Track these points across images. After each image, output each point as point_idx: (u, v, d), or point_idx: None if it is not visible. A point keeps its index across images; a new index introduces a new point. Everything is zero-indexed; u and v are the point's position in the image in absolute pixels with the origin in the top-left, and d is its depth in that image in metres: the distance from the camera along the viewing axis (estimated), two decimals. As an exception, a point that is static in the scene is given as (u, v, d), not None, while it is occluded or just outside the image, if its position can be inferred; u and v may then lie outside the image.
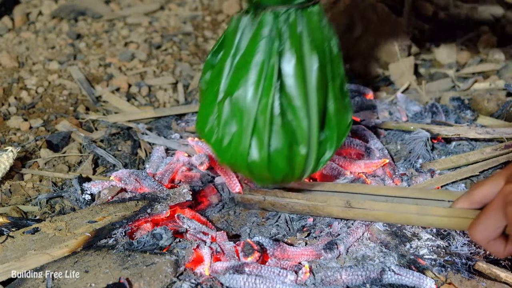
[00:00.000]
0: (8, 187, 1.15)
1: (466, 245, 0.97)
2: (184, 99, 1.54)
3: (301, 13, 0.88)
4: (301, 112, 0.89)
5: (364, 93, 1.45)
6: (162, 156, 1.23)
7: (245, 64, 0.88)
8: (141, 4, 2.05)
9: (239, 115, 0.89)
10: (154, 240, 0.92)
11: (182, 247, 0.92)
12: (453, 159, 1.17)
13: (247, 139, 0.89)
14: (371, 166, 1.14)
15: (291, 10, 0.87)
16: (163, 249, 0.91)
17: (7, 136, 1.32)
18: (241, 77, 0.88)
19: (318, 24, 0.90)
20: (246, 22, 0.89)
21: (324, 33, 0.91)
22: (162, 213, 1.00)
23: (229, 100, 0.89)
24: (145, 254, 0.89)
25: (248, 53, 0.88)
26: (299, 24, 0.88)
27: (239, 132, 0.90)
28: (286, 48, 0.87)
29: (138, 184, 1.09)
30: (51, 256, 0.88)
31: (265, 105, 0.87)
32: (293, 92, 0.88)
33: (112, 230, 0.95)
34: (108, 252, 0.90)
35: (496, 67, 1.63)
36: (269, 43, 0.87)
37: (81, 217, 0.98)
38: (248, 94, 0.88)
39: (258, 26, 0.88)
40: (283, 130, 0.89)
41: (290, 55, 0.87)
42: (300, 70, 0.88)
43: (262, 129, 0.88)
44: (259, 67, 0.87)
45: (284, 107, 0.89)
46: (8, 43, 1.75)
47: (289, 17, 0.87)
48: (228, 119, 0.90)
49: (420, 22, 1.84)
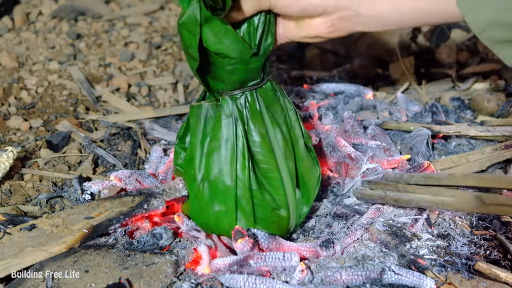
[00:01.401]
0: (8, 187, 1.15)
1: (466, 245, 0.97)
2: (184, 99, 1.54)
3: (256, 92, 0.95)
4: (276, 182, 0.96)
5: (364, 93, 1.45)
6: (161, 156, 1.23)
7: (214, 149, 0.94)
8: (141, 4, 2.06)
9: (221, 196, 0.95)
10: (154, 240, 0.92)
11: (182, 247, 0.92)
12: (453, 159, 1.17)
13: (233, 216, 0.96)
14: (393, 163, 1.15)
15: (247, 92, 0.94)
16: (163, 249, 0.91)
17: (7, 136, 1.32)
18: (214, 161, 0.94)
19: (273, 98, 0.97)
20: (207, 108, 0.95)
21: (280, 104, 0.98)
22: (159, 208, 1.01)
23: (207, 183, 0.95)
24: (145, 254, 0.89)
25: (215, 138, 0.94)
26: (257, 103, 0.95)
27: (224, 211, 0.96)
28: (251, 127, 0.94)
29: (138, 184, 1.09)
30: (49, 253, 0.89)
31: (243, 183, 0.94)
32: (265, 165, 0.95)
33: (109, 226, 0.95)
34: (108, 251, 0.90)
35: (496, 67, 1.63)
36: (233, 125, 0.93)
37: (78, 213, 0.98)
38: (225, 176, 0.94)
39: (219, 111, 0.94)
40: (264, 201, 0.96)
41: (255, 133, 0.95)
42: (267, 144, 0.95)
43: (245, 205, 0.95)
44: (230, 150, 0.94)
45: (260, 180, 0.96)
46: (8, 43, 1.75)
47: (247, 98, 0.94)
48: (209, 200, 0.96)
49: (420, 22, 1.84)
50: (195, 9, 0.84)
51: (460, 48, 1.73)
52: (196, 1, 0.82)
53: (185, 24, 0.85)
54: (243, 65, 0.89)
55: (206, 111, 0.95)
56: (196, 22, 0.84)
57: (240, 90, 0.93)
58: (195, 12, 0.84)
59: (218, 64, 0.89)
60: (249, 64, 0.90)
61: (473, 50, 1.74)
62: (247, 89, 0.94)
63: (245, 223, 0.96)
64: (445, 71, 1.64)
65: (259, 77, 0.94)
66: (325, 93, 1.47)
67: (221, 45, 0.86)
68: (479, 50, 1.74)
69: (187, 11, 0.84)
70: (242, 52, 0.88)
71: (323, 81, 1.57)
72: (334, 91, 1.47)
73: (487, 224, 1.03)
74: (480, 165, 1.16)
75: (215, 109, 0.94)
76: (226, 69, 0.89)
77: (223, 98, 0.93)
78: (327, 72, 1.65)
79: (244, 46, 0.87)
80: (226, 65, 0.89)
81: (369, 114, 1.37)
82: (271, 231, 0.97)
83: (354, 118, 1.29)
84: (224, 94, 0.93)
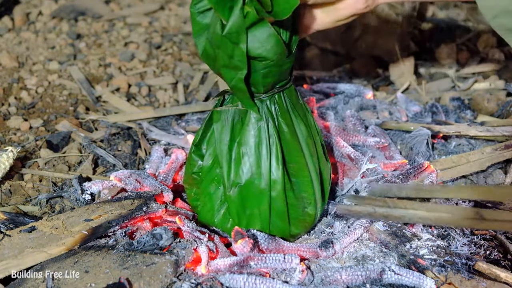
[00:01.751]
0: (8, 187, 1.15)
1: (466, 245, 0.97)
2: (184, 99, 1.54)
3: (283, 93, 0.95)
4: (306, 180, 0.96)
5: (364, 93, 1.45)
6: (161, 156, 1.23)
7: (245, 153, 0.93)
8: (141, 4, 2.06)
9: (254, 200, 0.95)
10: (154, 240, 0.92)
11: (182, 247, 0.92)
12: (453, 159, 1.17)
13: (266, 218, 0.96)
14: (390, 167, 1.15)
15: (276, 94, 0.93)
16: (163, 249, 0.91)
17: (7, 136, 1.32)
18: (245, 166, 0.94)
19: (296, 98, 0.98)
20: (233, 113, 0.94)
21: (301, 103, 0.99)
22: (158, 211, 1.01)
23: (238, 188, 0.94)
24: (145, 254, 0.89)
25: (245, 142, 0.93)
26: (284, 103, 0.95)
27: (256, 214, 0.96)
28: (282, 127, 0.94)
29: (138, 184, 1.09)
30: (48, 254, 0.89)
31: (279, 185, 0.93)
32: (295, 164, 0.95)
33: (109, 228, 0.95)
34: (108, 252, 0.90)
35: (496, 67, 1.63)
36: (264, 127, 0.93)
37: (78, 215, 0.98)
38: (258, 179, 0.94)
39: (248, 115, 0.93)
40: (296, 200, 0.96)
41: (286, 133, 0.94)
42: (297, 144, 0.96)
43: (280, 206, 0.95)
44: (263, 152, 0.93)
45: (292, 180, 0.96)
46: (8, 43, 1.75)
47: (275, 99, 0.94)
48: (240, 205, 0.96)
49: (420, 22, 1.84)
50: (239, 18, 0.82)
51: (460, 48, 1.73)
52: (240, 9, 0.80)
53: (231, 35, 0.83)
54: (278, 67, 0.89)
55: (233, 115, 0.94)
56: (241, 31, 0.82)
57: (271, 92, 0.92)
58: (239, 20, 0.82)
59: (253, 68, 0.88)
60: (283, 66, 0.90)
61: (473, 50, 1.74)
62: (276, 91, 0.93)
63: (279, 224, 0.96)
64: (445, 71, 1.64)
65: (288, 78, 0.94)
66: (325, 93, 1.47)
67: (263, 49, 0.85)
68: (479, 50, 1.74)
69: (231, 20, 0.82)
70: (281, 54, 0.87)
71: (323, 81, 1.57)
72: (334, 91, 1.47)
73: (487, 224, 1.03)
74: (480, 165, 1.16)
75: (243, 113, 0.93)
76: (260, 72, 0.88)
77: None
78: (327, 72, 1.65)
79: (283, 48, 0.86)
80: (261, 68, 0.88)
81: (369, 114, 1.37)
82: (299, 230, 0.99)
83: (356, 116, 1.29)
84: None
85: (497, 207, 1.06)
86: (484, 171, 1.18)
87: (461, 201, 1.03)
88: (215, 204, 0.99)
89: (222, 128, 0.94)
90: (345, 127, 1.27)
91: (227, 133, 0.94)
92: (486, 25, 1.87)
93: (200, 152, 1.00)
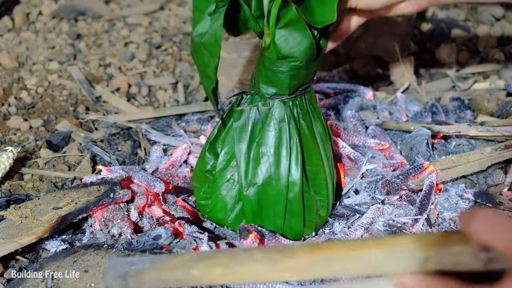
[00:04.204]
0: (8, 187, 1.15)
1: (466, 245, 0.97)
2: (184, 99, 1.54)
3: (305, 96, 0.94)
4: (322, 183, 0.96)
5: (364, 93, 1.45)
6: (161, 156, 1.23)
7: (264, 153, 0.92)
8: (141, 4, 2.06)
9: (271, 200, 0.94)
10: (153, 240, 0.92)
11: (181, 247, 0.92)
12: (453, 159, 1.17)
13: (281, 219, 0.95)
14: (389, 166, 1.15)
15: (298, 95, 0.93)
16: (163, 249, 0.91)
17: (7, 136, 1.32)
18: (263, 166, 0.93)
19: (315, 103, 0.98)
20: (255, 112, 0.93)
21: (320, 110, 0.98)
22: (124, 197, 1.01)
23: (256, 188, 0.93)
24: (145, 253, 0.89)
25: (264, 142, 0.92)
26: (305, 105, 0.94)
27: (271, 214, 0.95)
28: (303, 129, 0.93)
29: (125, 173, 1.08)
30: (19, 244, 0.90)
31: (297, 186, 0.93)
32: (314, 167, 0.95)
33: (78, 215, 0.96)
34: (107, 251, 0.90)
35: (496, 67, 1.63)
36: (285, 128, 0.91)
37: (45, 203, 0.98)
38: (276, 180, 0.93)
39: (270, 115, 0.92)
40: (312, 202, 0.96)
41: (306, 135, 0.93)
42: (316, 147, 0.95)
43: (296, 208, 0.95)
44: (283, 153, 0.92)
45: (309, 182, 0.95)
46: (8, 43, 1.75)
47: (297, 100, 0.93)
48: (256, 205, 0.95)
49: (420, 22, 1.84)
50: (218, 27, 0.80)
51: (460, 48, 1.73)
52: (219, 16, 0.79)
53: (206, 44, 0.82)
54: (306, 69, 0.88)
55: (254, 115, 0.93)
56: (218, 43, 0.81)
57: (294, 95, 0.92)
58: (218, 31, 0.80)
59: (281, 69, 0.87)
60: (310, 68, 0.89)
61: (473, 50, 1.74)
62: (299, 93, 0.92)
63: (294, 225, 0.96)
64: (445, 71, 1.64)
65: (311, 80, 0.94)
66: (325, 93, 1.47)
67: (295, 49, 0.84)
68: (479, 50, 1.74)
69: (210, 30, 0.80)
70: (311, 57, 0.87)
71: (323, 81, 1.57)
72: (334, 91, 1.47)
73: (487, 224, 1.02)
74: (480, 165, 1.16)
75: (264, 112, 0.93)
76: (288, 74, 0.88)
77: (274, 103, 0.92)
78: (327, 72, 1.65)
79: (314, 51, 0.86)
80: (290, 69, 0.87)
81: (369, 114, 1.37)
82: (310, 231, 0.99)
83: (357, 117, 1.29)
84: (274, 98, 0.92)
85: (496, 207, 1.06)
86: (484, 171, 1.18)
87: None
88: (228, 203, 0.98)
89: (242, 127, 0.94)
90: (345, 127, 1.27)
91: (247, 132, 0.93)
92: (486, 25, 1.87)
93: (215, 150, 0.99)
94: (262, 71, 0.90)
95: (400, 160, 1.16)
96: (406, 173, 1.10)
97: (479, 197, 1.08)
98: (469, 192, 1.10)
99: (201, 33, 0.85)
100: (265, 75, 0.90)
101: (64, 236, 0.97)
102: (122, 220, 0.98)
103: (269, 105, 0.92)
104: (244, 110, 0.94)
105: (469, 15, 1.96)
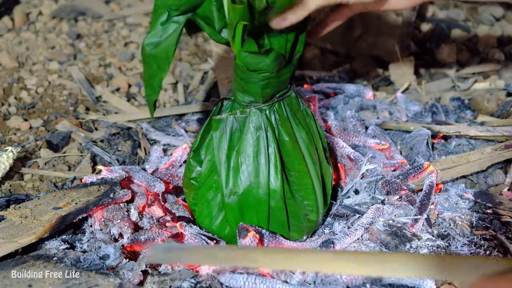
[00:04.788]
0: (8, 187, 1.15)
1: (466, 245, 0.97)
2: (184, 99, 1.54)
3: (284, 102, 0.93)
4: (308, 188, 0.95)
5: (364, 93, 1.45)
6: (161, 156, 1.23)
7: (243, 162, 0.92)
8: (141, 4, 2.05)
9: (252, 208, 0.94)
10: (100, 259, 0.88)
11: (129, 269, 0.86)
12: (453, 159, 1.17)
13: (265, 226, 0.95)
14: (389, 166, 1.15)
15: (275, 102, 0.92)
16: (110, 270, 0.87)
17: (7, 136, 1.32)
18: (243, 175, 0.92)
19: (297, 104, 0.96)
20: (232, 121, 0.92)
21: (303, 113, 0.97)
22: (124, 197, 1.01)
23: (236, 197, 0.93)
24: (91, 273, 0.84)
25: (243, 150, 0.92)
26: (284, 111, 0.93)
27: (255, 222, 0.95)
28: (282, 135, 0.93)
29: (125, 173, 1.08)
30: (19, 244, 0.89)
31: (278, 194, 0.92)
32: (297, 172, 0.94)
33: (77, 215, 0.96)
34: (55, 265, 0.86)
35: (496, 67, 1.63)
36: (263, 136, 0.91)
37: (45, 203, 0.98)
38: (256, 189, 0.92)
39: (247, 123, 0.91)
40: (297, 208, 0.96)
41: (286, 141, 0.93)
42: (298, 151, 0.94)
43: (279, 215, 0.94)
44: (262, 161, 0.91)
45: (292, 188, 0.95)
46: (8, 43, 1.75)
47: (275, 107, 0.92)
48: (239, 212, 0.95)
49: (420, 22, 1.84)
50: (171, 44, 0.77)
51: (460, 48, 1.73)
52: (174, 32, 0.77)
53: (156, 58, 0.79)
54: (277, 78, 0.87)
55: (232, 124, 0.92)
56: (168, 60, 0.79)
57: (270, 102, 0.91)
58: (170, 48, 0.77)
59: (251, 80, 0.87)
60: (281, 76, 0.88)
61: (473, 50, 1.74)
62: (276, 100, 0.92)
63: (278, 232, 0.96)
64: (445, 71, 1.64)
65: (287, 86, 0.93)
66: (325, 93, 1.47)
67: (262, 64, 0.83)
68: (479, 50, 1.74)
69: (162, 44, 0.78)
70: (281, 66, 0.86)
71: (323, 81, 1.57)
72: (334, 91, 1.47)
73: (487, 224, 1.03)
74: (480, 165, 1.16)
75: (241, 121, 0.92)
76: (259, 84, 0.87)
77: (250, 111, 0.91)
78: (327, 72, 1.65)
79: (282, 61, 0.85)
80: (260, 80, 0.86)
81: (369, 114, 1.37)
82: (300, 235, 0.99)
83: (357, 117, 1.29)
84: (251, 107, 0.91)
85: (496, 207, 1.06)
86: (484, 171, 1.18)
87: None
88: (213, 210, 0.98)
89: (221, 136, 0.93)
90: (345, 127, 1.27)
91: (226, 141, 0.93)
92: (486, 25, 1.87)
93: (199, 157, 0.98)
94: (236, 79, 0.89)
95: (400, 160, 1.16)
96: (406, 173, 1.10)
97: (479, 197, 1.08)
98: (469, 192, 1.10)
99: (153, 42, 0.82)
100: (239, 83, 0.89)
101: (64, 236, 0.96)
102: (122, 220, 0.98)
103: (246, 113, 0.91)
104: (222, 118, 0.92)
105: (469, 15, 1.96)
